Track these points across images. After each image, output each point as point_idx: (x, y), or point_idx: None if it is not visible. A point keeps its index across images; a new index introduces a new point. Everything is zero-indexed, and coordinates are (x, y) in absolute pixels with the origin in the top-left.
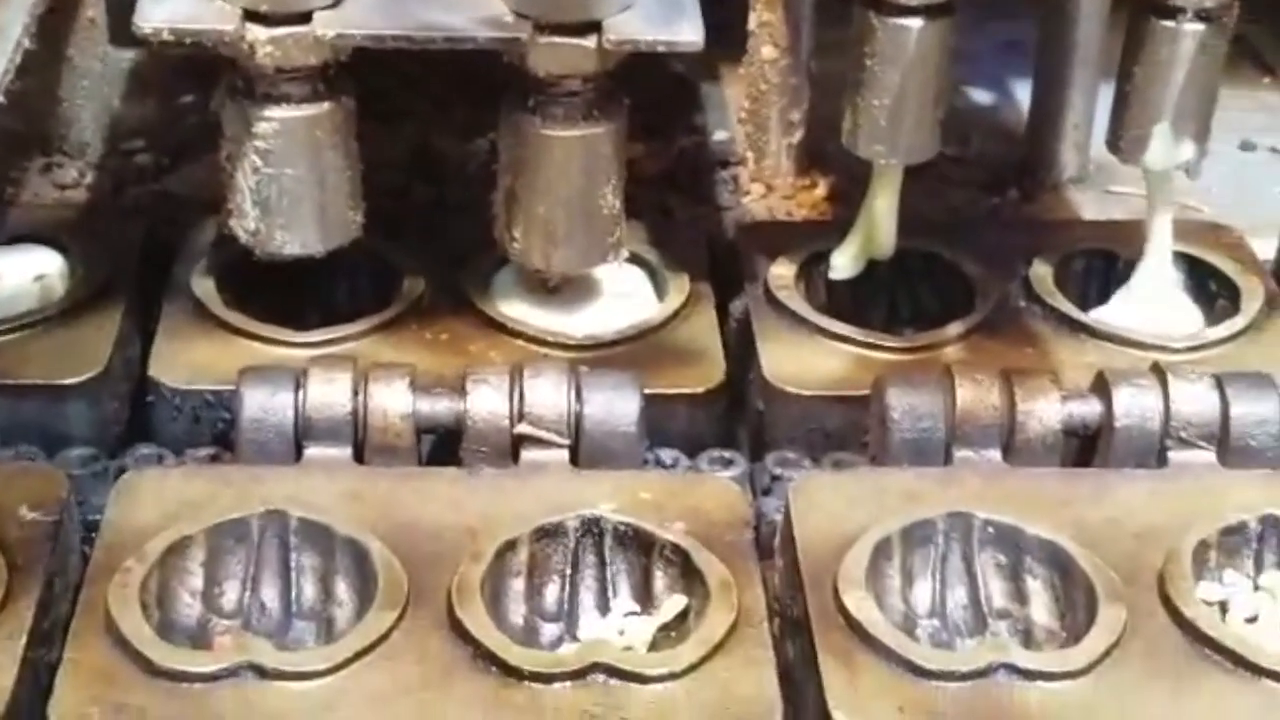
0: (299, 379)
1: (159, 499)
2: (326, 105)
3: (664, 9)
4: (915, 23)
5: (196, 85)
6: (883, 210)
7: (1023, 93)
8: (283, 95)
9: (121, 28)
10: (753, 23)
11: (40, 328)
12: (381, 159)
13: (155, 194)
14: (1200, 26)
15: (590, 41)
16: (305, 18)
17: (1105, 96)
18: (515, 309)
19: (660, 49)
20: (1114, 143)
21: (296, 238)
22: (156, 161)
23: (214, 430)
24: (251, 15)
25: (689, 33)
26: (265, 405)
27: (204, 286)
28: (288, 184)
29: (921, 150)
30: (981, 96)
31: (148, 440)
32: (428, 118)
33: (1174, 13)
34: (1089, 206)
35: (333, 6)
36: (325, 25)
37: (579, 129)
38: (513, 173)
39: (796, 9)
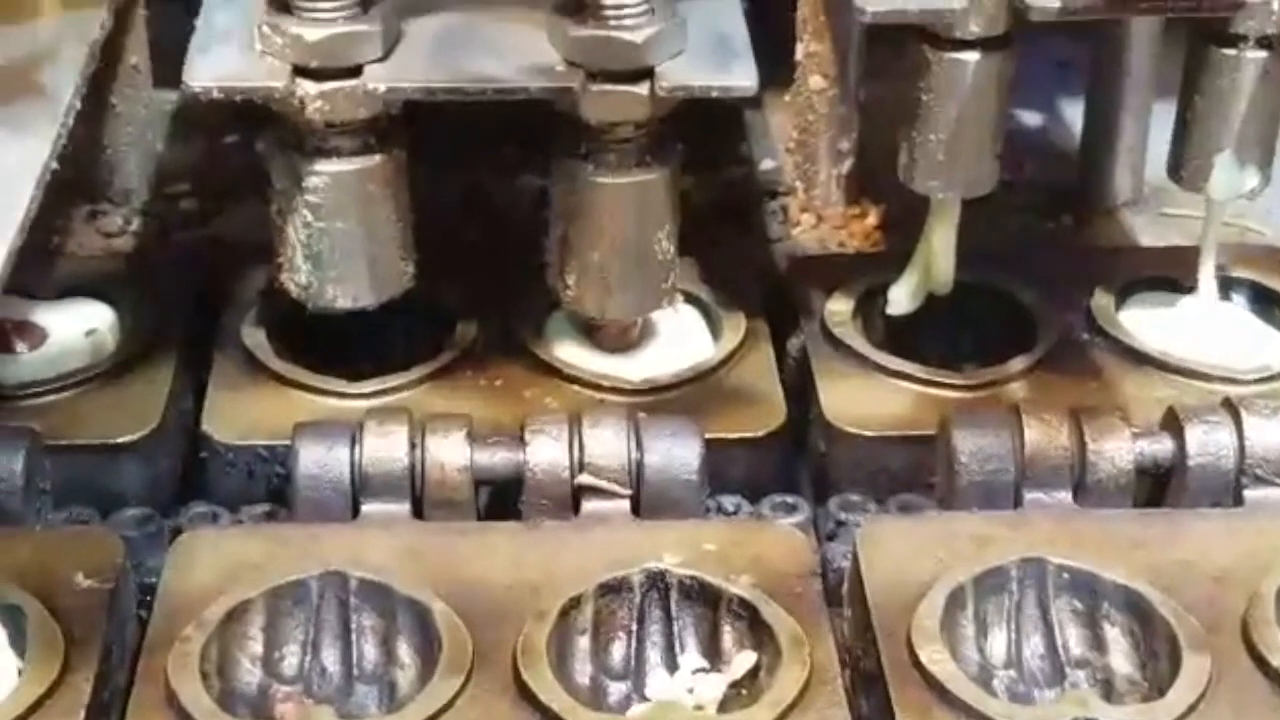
0: (355, 433)
1: (216, 561)
2: (378, 158)
3: (716, 52)
4: (972, 56)
5: (241, 126)
6: (940, 244)
7: (1074, 114)
8: (333, 149)
9: (165, 71)
10: (800, 53)
11: (92, 385)
12: (430, 200)
13: (202, 239)
14: (1262, 54)
15: (643, 89)
16: (355, 71)
17: (1159, 119)
18: (570, 353)
19: (714, 94)
20: (1176, 171)
21: (348, 291)
22: (202, 206)
23: (269, 486)
24: (301, 71)
25: (742, 77)
26: (321, 461)
27: (255, 337)
28: (339, 238)
29: (980, 184)
30: (1032, 119)
31: (202, 497)
32: (476, 158)
33: (1235, 41)
34: (1145, 231)
35: (382, 60)
36: (375, 79)
37: (632, 176)
38: (565, 220)
39: (844, 39)
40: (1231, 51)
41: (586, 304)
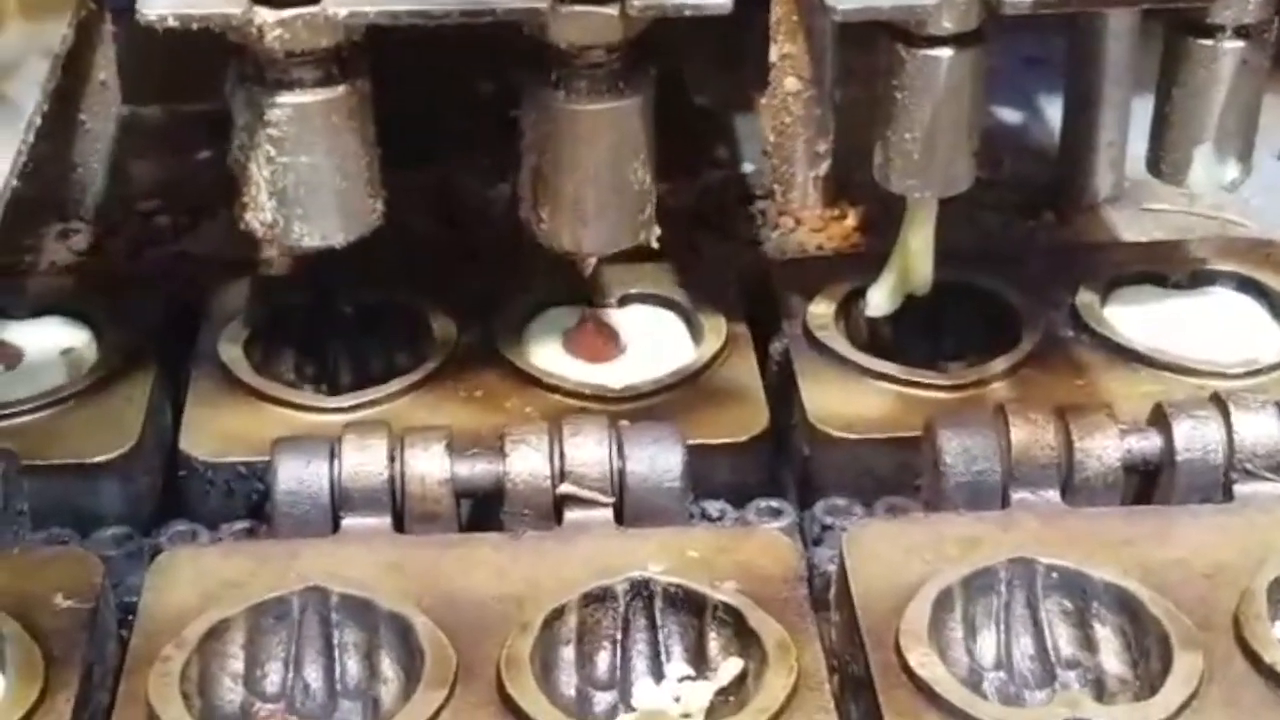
0: (333, 448)
1: (196, 579)
2: (341, 89)
3: None
4: (945, 53)
5: (212, 141)
6: (918, 245)
7: (1052, 111)
8: (294, 80)
9: (134, 86)
10: (774, 55)
11: (69, 404)
12: (405, 208)
13: (175, 255)
14: (1240, 44)
15: (613, 9)
16: None
17: (1138, 113)
18: (550, 362)
19: (687, 12)
20: (1155, 165)
21: (316, 229)
22: (174, 221)
23: (248, 502)
24: None
25: None
26: (300, 477)
27: (231, 353)
28: (304, 172)
29: (956, 182)
30: (1010, 117)
31: (181, 515)
32: (451, 165)
33: (1212, 31)
34: (1127, 226)
35: None
36: (336, 4)
37: (605, 102)
38: (538, 151)
39: (818, 40)
40: (1209, 42)
41: (561, 237)
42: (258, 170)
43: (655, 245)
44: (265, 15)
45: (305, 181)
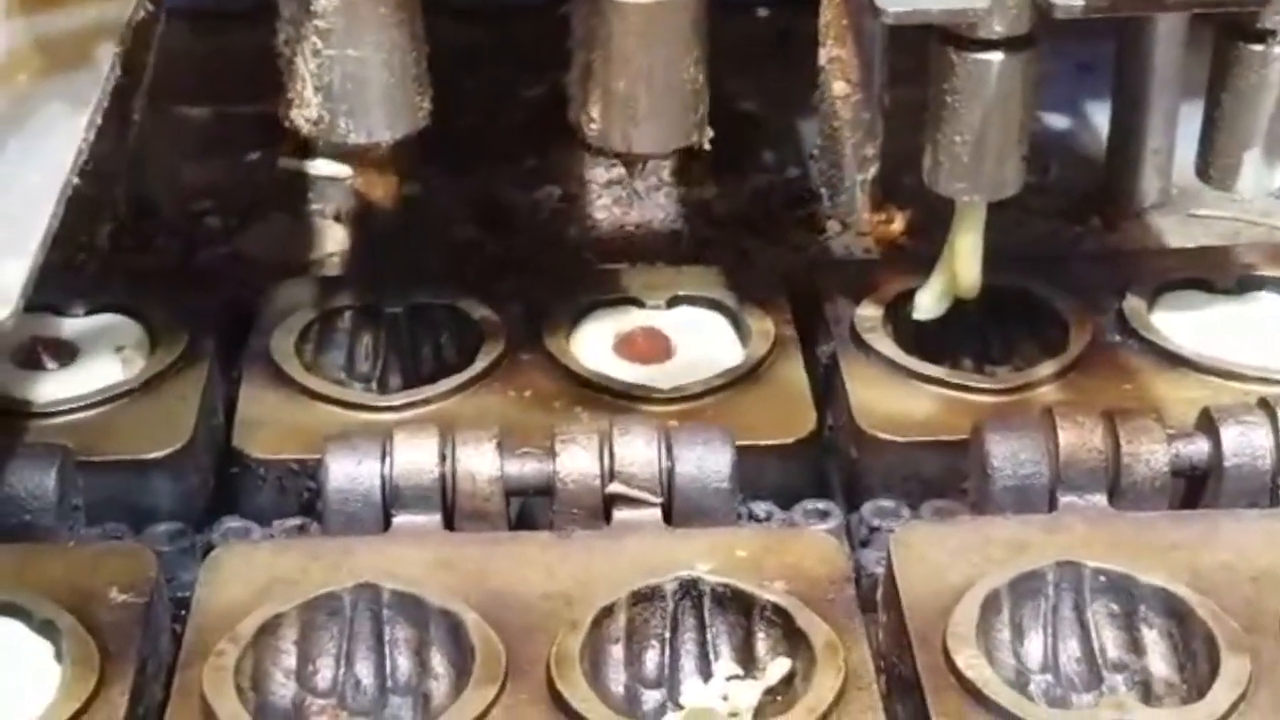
0: (385, 446)
1: (248, 575)
2: None
3: None
4: (996, 57)
5: (263, 142)
6: (966, 248)
7: (1099, 117)
8: None
9: (190, 88)
10: (823, 58)
11: (123, 401)
12: (454, 214)
13: (226, 256)
14: None
15: None
16: None
17: (1185, 119)
18: (598, 361)
19: None
20: (1204, 170)
21: (362, 125)
22: (225, 223)
23: (300, 500)
24: None
25: None
26: (352, 474)
27: (283, 351)
28: (350, 66)
29: (1005, 186)
30: (1058, 121)
31: (233, 511)
32: (497, 171)
33: (1263, 36)
34: (1174, 233)
35: None
36: None
37: None
38: (588, 48)
39: (867, 43)
40: (1259, 47)
41: (613, 138)
42: (304, 64)
43: (707, 147)
44: None
45: (352, 76)
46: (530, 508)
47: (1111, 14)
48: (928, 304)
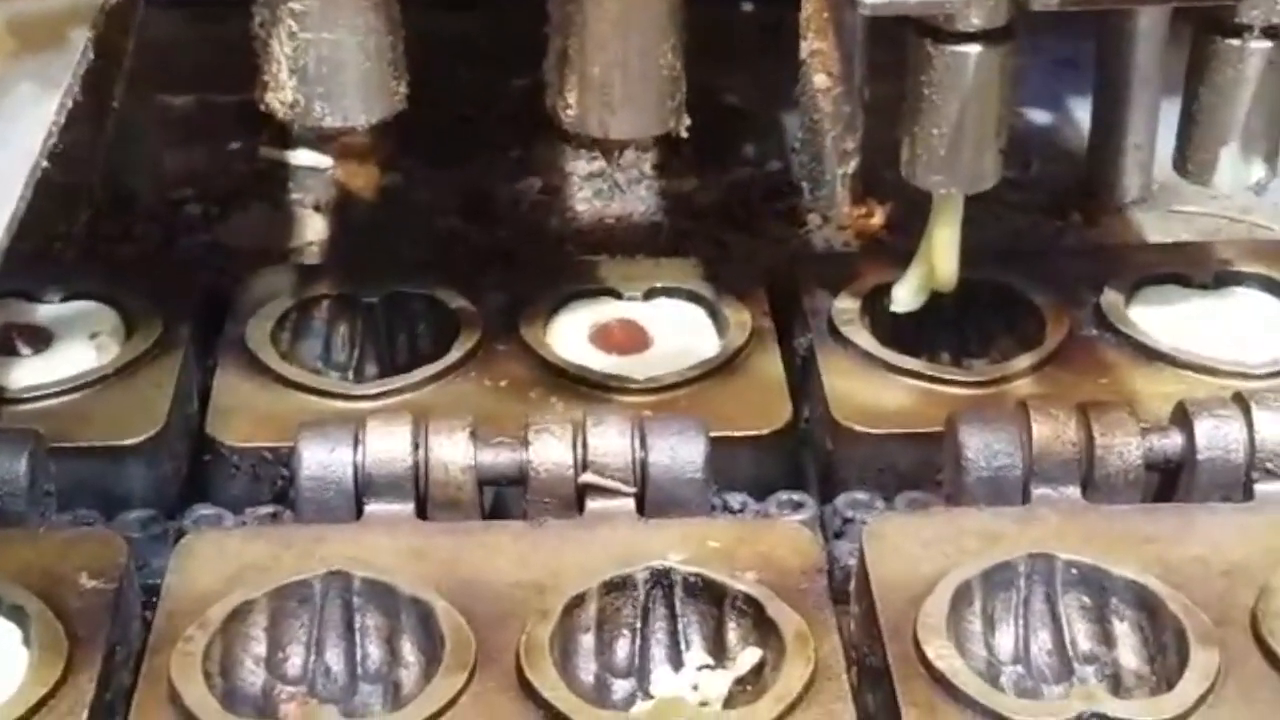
0: (358, 434)
1: (220, 562)
2: None
3: None
4: (973, 49)
5: (244, 132)
6: (944, 241)
7: (1080, 112)
8: None
9: (168, 75)
10: (804, 51)
11: (96, 387)
12: (432, 203)
13: (206, 245)
14: (1267, 44)
15: None
16: None
17: (1166, 115)
18: (574, 352)
19: None
20: (1181, 165)
21: (338, 109)
22: (205, 211)
23: (273, 487)
24: None
25: None
26: (324, 462)
27: (258, 339)
28: (326, 49)
29: (983, 179)
30: (1039, 117)
31: (206, 499)
32: (478, 161)
33: (1239, 31)
34: (1154, 228)
35: None
36: None
37: None
38: (564, 34)
39: (848, 36)
40: (1236, 42)
41: (589, 123)
42: (279, 47)
43: (685, 135)
44: None
45: (328, 59)
46: (504, 497)
47: (1087, 8)
48: (905, 297)
